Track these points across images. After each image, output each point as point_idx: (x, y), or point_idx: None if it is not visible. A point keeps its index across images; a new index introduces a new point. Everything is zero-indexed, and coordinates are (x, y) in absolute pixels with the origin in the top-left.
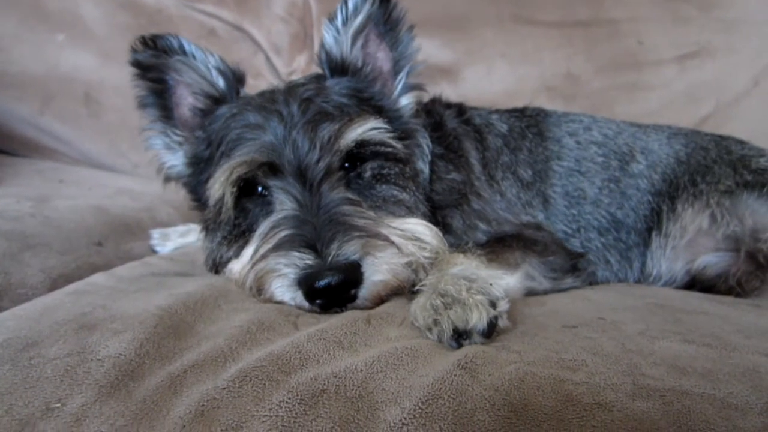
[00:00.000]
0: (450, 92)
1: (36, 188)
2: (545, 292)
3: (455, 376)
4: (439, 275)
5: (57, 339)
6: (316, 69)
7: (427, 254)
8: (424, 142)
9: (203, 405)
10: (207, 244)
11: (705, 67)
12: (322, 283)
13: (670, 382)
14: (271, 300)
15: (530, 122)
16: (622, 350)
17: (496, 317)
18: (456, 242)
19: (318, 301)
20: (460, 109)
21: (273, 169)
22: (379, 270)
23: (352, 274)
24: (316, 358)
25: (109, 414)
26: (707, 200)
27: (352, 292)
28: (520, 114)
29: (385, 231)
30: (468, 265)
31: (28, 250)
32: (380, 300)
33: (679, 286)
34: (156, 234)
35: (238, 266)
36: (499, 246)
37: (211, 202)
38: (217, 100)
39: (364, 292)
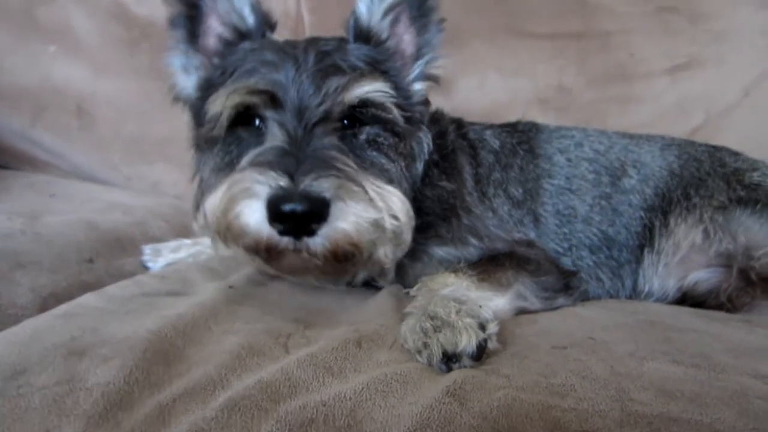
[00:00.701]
0: (443, 104)
1: (28, 203)
2: (537, 311)
3: (444, 404)
4: (429, 297)
5: (46, 366)
6: None
7: (395, 222)
8: (425, 141)
9: None
10: (196, 167)
11: (696, 79)
12: (288, 207)
13: (658, 407)
14: (237, 231)
15: (522, 138)
16: (611, 373)
17: (485, 340)
18: (445, 256)
19: (279, 226)
20: (459, 124)
21: (274, 101)
22: (346, 218)
23: (319, 207)
24: (305, 385)
25: None
26: (701, 215)
27: (314, 226)
28: (512, 129)
29: (362, 179)
30: (458, 286)
31: (18, 269)
32: (335, 253)
33: (670, 302)
34: (148, 250)
35: (216, 194)
36: (491, 265)
37: (208, 117)
38: (243, 36)
39: (325, 231)
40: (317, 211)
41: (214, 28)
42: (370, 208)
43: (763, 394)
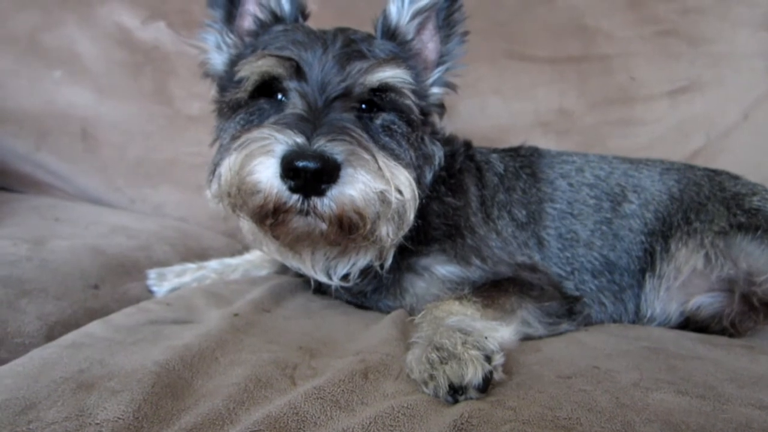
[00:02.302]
0: (444, 127)
1: (32, 228)
2: (540, 337)
3: None
4: (435, 326)
5: (55, 400)
6: None
7: (399, 197)
8: (438, 154)
9: None
10: (217, 134)
11: (695, 102)
12: (301, 163)
13: None
14: (249, 189)
15: (524, 162)
16: (616, 405)
17: (491, 372)
18: (449, 276)
19: (291, 182)
20: (467, 145)
21: (299, 72)
22: (354, 185)
23: (330, 168)
24: (313, 420)
25: None
26: (701, 240)
27: (323, 187)
28: (514, 153)
29: (374, 149)
30: (463, 315)
31: (24, 296)
32: (341, 218)
33: (673, 326)
34: (152, 274)
35: (232, 156)
36: (495, 291)
37: (235, 80)
38: (277, 19)
39: (334, 193)
40: (328, 171)
41: (251, 10)
42: (378, 179)
43: (767, 426)
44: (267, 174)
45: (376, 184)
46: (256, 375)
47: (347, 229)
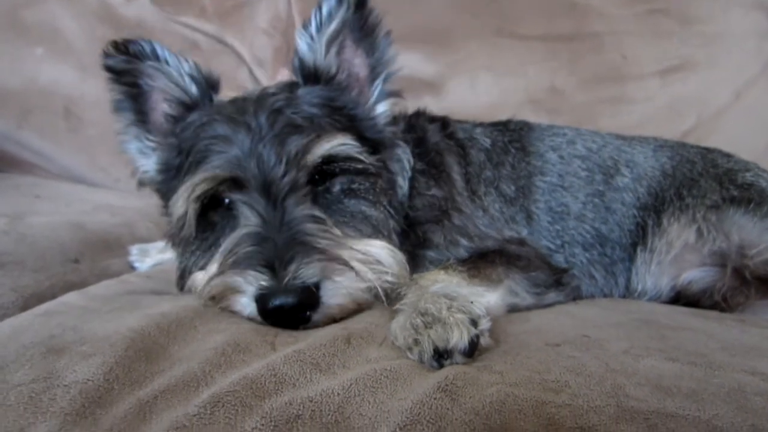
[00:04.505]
0: (434, 106)
1: (11, 204)
2: (528, 308)
3: (435, 399)
4: (419, 293)
5: (23, 363)
6: None
7: (388, 279)
8: (405, 157)
9: None
10: (177, 258)
11: (687, 81)
12: (274, 304)
13: (655, 403)
14: (229, 309)
15: (513, 137)
16: (605, 370)
17: (477, 336)
18: (437, 257)
19: (269, 320)
20: (444, 123)
21: (237, 183)
22: (337, 294)
23: (308, 298)
24: (291, 381)
25: None
26: (693, 214)
27: (307, 313)
28: (503, 128)
29: (346, 254)
30: (448, 283)
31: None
32: (333, 321)
33: (665, 301)
34: (135, 250)
35: (201, 276)
36: (482, 262)
37: (174, 218)
38: (189, 107)
39: (319, 315)
40: (307, 303)
41: (159, 103)
42: (360, 280)
43: (760, 390)
44: (247, 311)
45: (360, 284)
46: (236, 341)
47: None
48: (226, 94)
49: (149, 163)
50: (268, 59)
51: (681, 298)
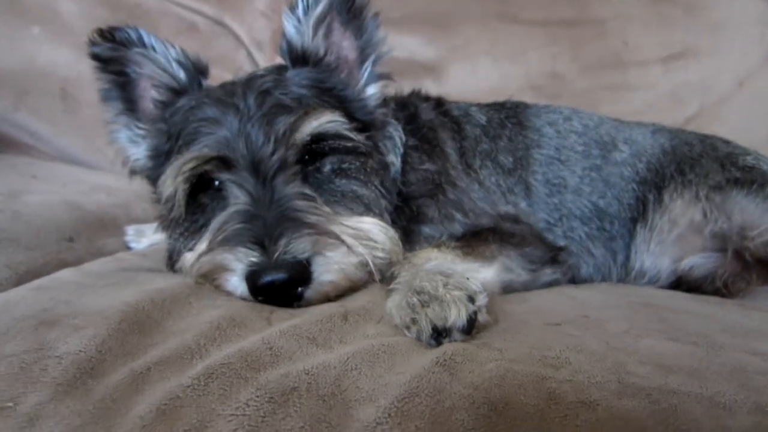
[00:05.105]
0: (434, 90)
1: (7, 183)
2: (524, 286)
3: (434, 373)
4: (414, 271)
5: (14, 335)
6: None
7: (380, 255)
8: (397, 134)
9: (166, 403)
10: (167, 240)
11: (690, 68)
12: (265, 280)
13: (657, 380)
14: (221, 288)
15: (509, 113)
16: (606, 348)
17: (475, 312)
18: (432, 233)
19: (260, 298)
20: (438, 102)
21: (226, 163)
22: (330, 270)
23: (299, 273)
24: (287, 354)
25: (65, 413)
26: (697, 192)
27: (299, 290)
28: (499, 107)
29: (337, 229)
30: (442, 260)
31: None
32: (327, 299)
33: (664, 286)
34: (131, 230)
35: (190, 256)
36: (475, 240)
37: (163, 199)
38: (178, 92)
39: (311, 292)
40: (298, 278)
41: (148, 91)
42: (352, 254)
43: (762, 370)
44: (239, 290)
45: (352, 259)
46: (231, 316)
47: (337, 298)
48: (223, 76)
49: (140, 151)
50: (266, 41)
51: (682, 283)
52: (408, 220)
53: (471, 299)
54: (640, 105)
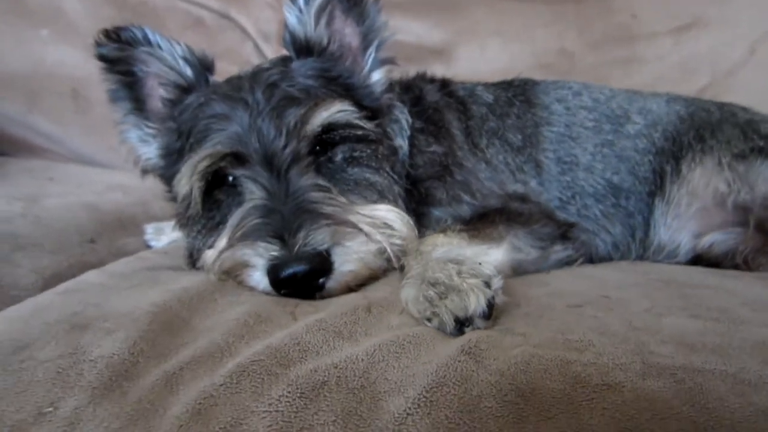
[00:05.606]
0: (443, 73)
1: (26, 188)
2: (535, 265)
3: (460, 362)
4: (424, 261)
5: (48, 340)
6: None
7: (397, 241)
8: (403, 117)
9: (200, 403)
10: (185, 239)
11: (700, 39)
12: (287, 273)
13: (681, 359)
14: (243, 283)
15: (517, 91)
16: (629, 328)
17: (493, 297)
18: (441, 215)
19: (283, 291)
20: (444, 83)
21: (239, 158)
22: (349, 260)
23: (320, 264)
24: (315, 349)
25: (104, 416)
26: (720, 159)
27: (320, 281)
28: (507, 85)
29: (353, 218)
30: (449, 245)
31: (19, 250)
32: (349, 289)
33: (682, 262)
34: (150, 228)
35: (211, 253)
36: (481, 222)
37: (180, 197)
38: (185, 89)
39: (333, 282)
40: (319, 269)
41: (156, 89)
42: (370, 243)
43: None
44: (262, 284)
45: (371, 246)
46: (256, 312)
47: (359, 288)
48: (231, 70)
49: (151, 150)
50: (273, 33)
51: (701, 260)
52: (417, 203)
53: (487, 284)
54: (650, 78)
